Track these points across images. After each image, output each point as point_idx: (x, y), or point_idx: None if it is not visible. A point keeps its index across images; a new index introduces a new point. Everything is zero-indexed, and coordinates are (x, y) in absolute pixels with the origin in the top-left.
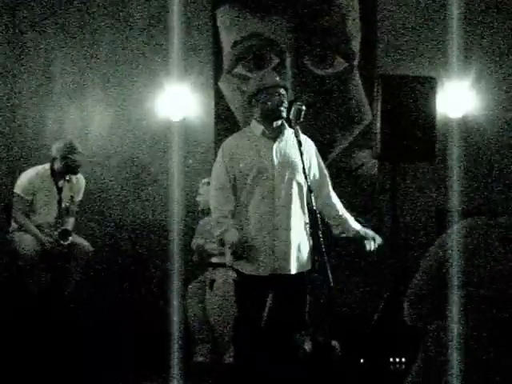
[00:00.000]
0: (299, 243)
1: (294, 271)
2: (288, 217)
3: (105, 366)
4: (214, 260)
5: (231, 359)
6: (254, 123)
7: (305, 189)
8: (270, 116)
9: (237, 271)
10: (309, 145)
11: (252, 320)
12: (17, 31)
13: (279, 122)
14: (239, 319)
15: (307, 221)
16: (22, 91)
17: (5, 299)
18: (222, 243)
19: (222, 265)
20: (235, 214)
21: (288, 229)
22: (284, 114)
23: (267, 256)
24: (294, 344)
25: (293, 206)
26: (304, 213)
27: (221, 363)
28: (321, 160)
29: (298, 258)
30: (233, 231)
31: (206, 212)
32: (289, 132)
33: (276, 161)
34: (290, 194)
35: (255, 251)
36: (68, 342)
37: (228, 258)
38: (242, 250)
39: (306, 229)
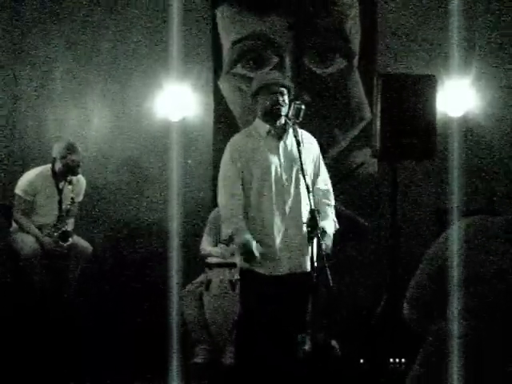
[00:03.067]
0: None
1: (309, 268)
2: (299, 215)
3: (104, 366)
4: (210, 260)
5: (229, 360)
6: (258, 122)
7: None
8: (268, 115)
9: (251, 272)
10: (312, 143)
11: (259, 320)
12: (17, 32)
13: (283, 121)
14: (245, 319)
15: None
16: (23, 92)
17: (5, 300)
18: (230, 242)
19: (219, 265)
20: (245, 213)
21: (301, 226)
22: (282, 113)
23: (284, 255)
24: (296, 344)
25: (302, 204)
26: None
27: (219, 364)
28: (322, 162)
29: (308, 255)
30: (244, 233)
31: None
32: (295, 129)
33: (283, 160)
34: (299, 192)
35: (270, 253)
36: (68, 343)
37: (238, 262)
38: (252, 254)
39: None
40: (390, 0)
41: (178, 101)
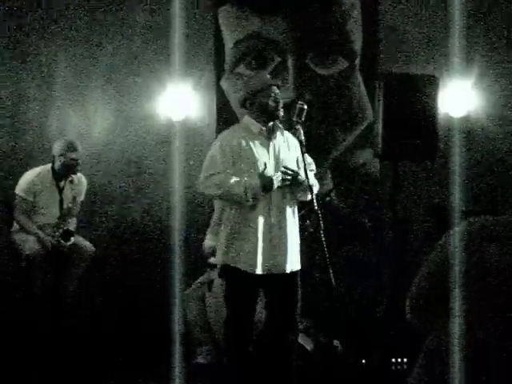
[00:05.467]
0: (293, 242)
1: (288, 270)
2: (283, 215)
3: (105, 366)
4: (211, 261)
5: None
6: (248, 119)
7: (307, 188)
8: (267, 117)
9: (230, 268)
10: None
11: (243, 319)
12: (19, 33)
13: (278, 122)
14: (231, 318)
15: (308, 222)
16: (24, 92)
17: (6, 300)
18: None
19: None
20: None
21: (283, 227)
22: (281, 115)
23: (264, 254)
24: (290, 344)
25: (287, 205)
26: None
27: (221, 364)
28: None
29: (291, 256)
30: (249, 179)
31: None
32: (282, 133)
33: (272, 159)
34: (285, 193)
35: (251, 251)
36: (69, 343)
37: (219, 258)
38: (270, 182)
39: (308, 229)
40: (391, 0)
41: (180, 101)
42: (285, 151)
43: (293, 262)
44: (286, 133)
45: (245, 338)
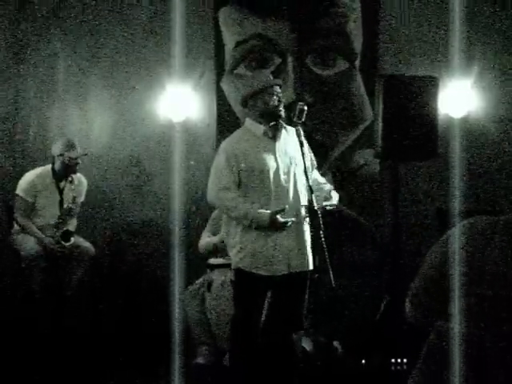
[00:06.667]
0: (309, 238)
1: (311, 267)
2: (300, 213)
3: (105, 367)
4: (211, 261)
5: None
6: (250, 122)
7: (307, 188)
8: (269, 116)
9: (247, 273)
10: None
11: (254, 319)
12: (20, 33)
13: (280, 121)
14: (240, 320)
15: (309, 221)
16: (25, 93)
17: (6, 300)
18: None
19: (220, 266)
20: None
21: (301, 225)
22: (283, 114)
23: (283, 255)
24: (293, 343)
25: (301, 204)
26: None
27: (221, 365)
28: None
29: (309, 253)
30: (261, 212)
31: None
32: (286, 130)
33: (280, 160)
34: (298, 193)
35: (269, 254)
36: (69, 343)
37: (234, 263)
38: (279, 220)
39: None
40: (391, 1)
41: (180, 101)
42: (291, 148)
43: (310, 259)
44: (290, 128)
45: (252, 337)
